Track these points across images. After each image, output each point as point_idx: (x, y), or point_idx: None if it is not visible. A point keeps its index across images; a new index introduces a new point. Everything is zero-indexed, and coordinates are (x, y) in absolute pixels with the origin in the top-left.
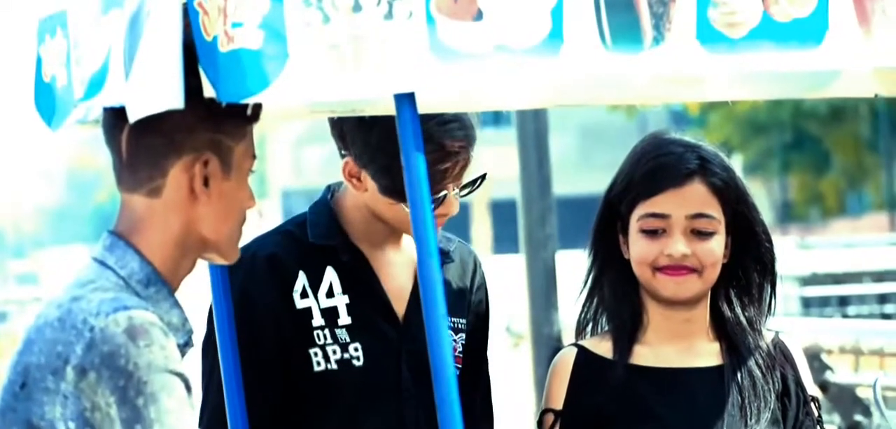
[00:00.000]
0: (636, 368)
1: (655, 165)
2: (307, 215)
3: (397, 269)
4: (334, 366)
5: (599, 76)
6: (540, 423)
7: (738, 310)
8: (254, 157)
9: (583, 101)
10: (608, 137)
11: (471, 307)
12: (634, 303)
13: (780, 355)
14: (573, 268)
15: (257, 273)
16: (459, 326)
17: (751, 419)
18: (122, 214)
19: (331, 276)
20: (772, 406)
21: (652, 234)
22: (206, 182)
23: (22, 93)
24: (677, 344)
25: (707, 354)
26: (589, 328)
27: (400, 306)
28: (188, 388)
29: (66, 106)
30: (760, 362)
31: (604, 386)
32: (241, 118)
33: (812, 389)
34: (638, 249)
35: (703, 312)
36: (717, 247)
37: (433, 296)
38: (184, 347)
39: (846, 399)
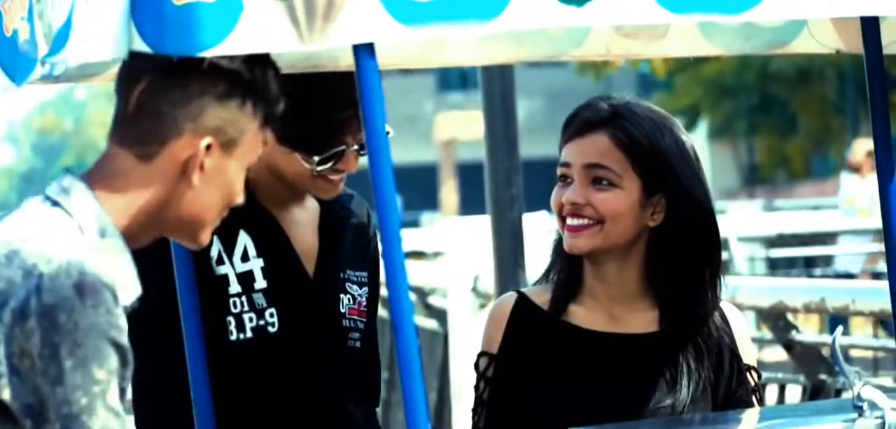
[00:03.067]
0: (569, 326)
1: (571, 117)
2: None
3: (304, 229)
4: (249, 334)
5: (555, 30)
6: (476, 365)
7: (676, 277)
8: (260, 150)
9: (541, 56)
10: (576, 100)
11: (368, 259)
12: (574, 260)
13: (720, 322)
14: (540, 229)
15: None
16: (362, 280)
17: (679, 390)
18: (100, 164)
19: (244, 239)
20: (702, 376)
21: (561, 181)
22: (201, 166)
23: None
24: (613, 308)
25: (642, 321)
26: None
27: (310, 266)
28: (125, 362)
29: (30, 61)
30: (701, 330)
31: (536, 338)
32: (267, 108)
33: (750, 358)
34: (552, 197)
35: (635, 275)
36: (615, 199)
37: (394, 257)
38: (129, 308)
39: (811, 358)
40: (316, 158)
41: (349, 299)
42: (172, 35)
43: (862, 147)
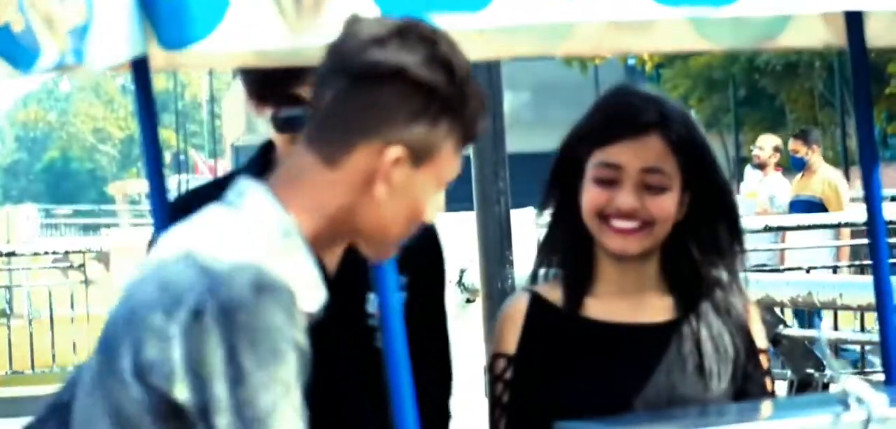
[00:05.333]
0: (588, 321)
1: (614, 114)
2: (242, 168)
3: None
4: None
5: (541, 24)
6: (491, 367)
7: (701, 266)
8: (456, 169)
9: (530, 52)
10: (563, 93)
11: (409, 260)
12: (586, 253)
13: (736, 305)
14: (527, 224)
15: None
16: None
17: (711, 379)
18: (286, 165)
19: None
20: (729, 361)
21: (604, 182)
22: (387, 178)
23: None
24: (628, 299)
25: (659, 309)
26: (542, 277)
27: (332, 264)
28: (303, 366)
29: (30, 52)
30: (723, 318)
31: (556, 336)
32: (468, 130)
33: (761, 341)
34: (589, 197)
35: (655, 267)
36: (668, 203)
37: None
38: (311, 313)
39: (798, 352)
40: (269, 113)
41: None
42: (164, 29)
43: (769, 143)
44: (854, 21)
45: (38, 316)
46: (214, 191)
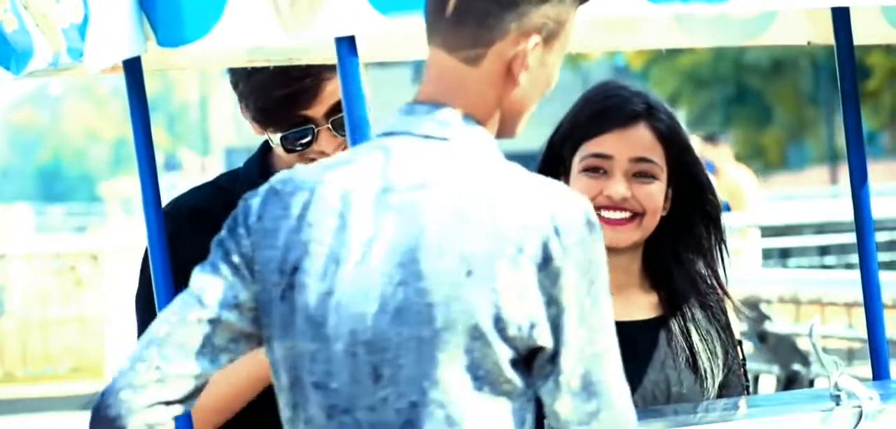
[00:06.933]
0: None
1: (602, 107)
2: (240, 169)
3: None
4: None
5: None
6: None
7: (685, 262)
8: (573, 37)
9: None
10: (552, 93)
11: None
12: None
13: (716, 298)
14: None
15: (181, 227)
16: None
17: (707, 379)
18: (433, 77)
19: None
20: (718, 355)
21: (593, 172)
22: (526, 64)
23: None
24: (615, 296)
25: (645, 305)
26: None
27: None
28: None
29: (24, 53)
30: (707, 314)
31: None
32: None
33: (738, 333)
34: (578, 189)
35: (639, 263)
36: (657, 192)
37: None
38: None
39: (785, 349)
40: (279, 135)
41: None
42: (162, 27)
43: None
44: (841, 17)
45: (30, 317)
46: (212, 191)
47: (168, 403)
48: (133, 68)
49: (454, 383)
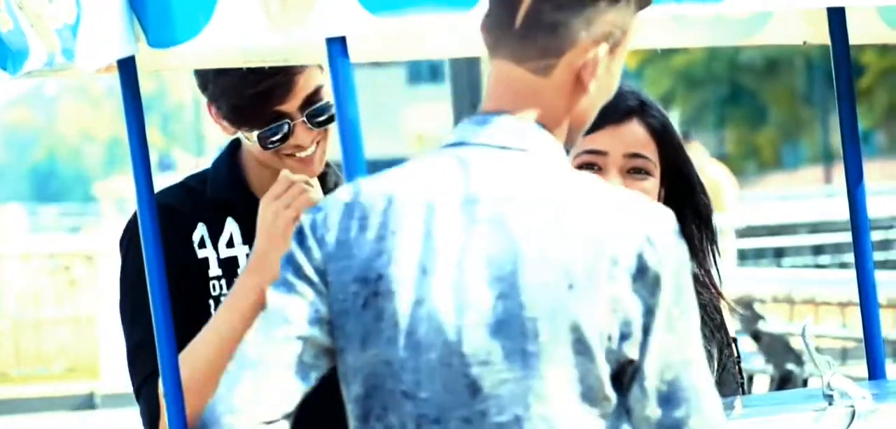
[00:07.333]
0: None
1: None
2: (208, 170)
3: None
4: None
5: None
6: None
7: None
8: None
9: None
10: None
11: None
12: None
13: (711, 296)
14: None
15: None
16: None
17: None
18: (503, 89)
19: (231, 227)
20: (714, 355)
21: (588, 168)
22: (596, 73)
23: None
24: None
25: None
26: None
27: None
28: None
29: (20, 53)
30: (703, 313)
31: None
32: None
33: (732, 331)
34: None
35: None
36: (651, 189)
37: None
38: None
39: (779, 348)
40: (255, 133)
41: None
42: (152, 28)
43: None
44: (837, 17)
45: (24, 317)
46: (182, 192)
47: (269, 422)
48: (127, 69)
49: (558, 398)
